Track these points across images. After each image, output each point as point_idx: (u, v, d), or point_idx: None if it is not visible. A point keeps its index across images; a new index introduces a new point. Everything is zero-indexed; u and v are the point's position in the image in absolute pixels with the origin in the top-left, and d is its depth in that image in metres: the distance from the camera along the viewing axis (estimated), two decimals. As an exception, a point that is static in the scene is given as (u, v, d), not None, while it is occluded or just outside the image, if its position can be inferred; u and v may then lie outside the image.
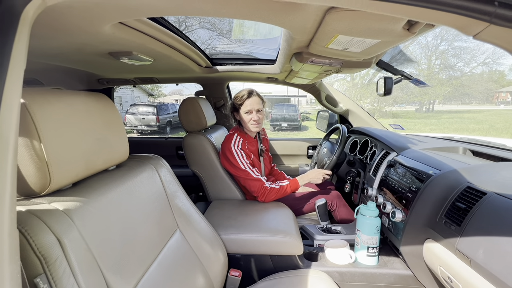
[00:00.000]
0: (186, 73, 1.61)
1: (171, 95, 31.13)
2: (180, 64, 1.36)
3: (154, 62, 1.23)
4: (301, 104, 28.36)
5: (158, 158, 0.90)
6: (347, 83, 19.85)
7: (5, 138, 0.30)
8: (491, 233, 0.66)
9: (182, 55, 1.25)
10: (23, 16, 0.34)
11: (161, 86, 19.27)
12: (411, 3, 0.30)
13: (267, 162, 1.63)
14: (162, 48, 1.05)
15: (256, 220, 1.18)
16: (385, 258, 1.09)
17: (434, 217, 0.86)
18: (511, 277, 0.59)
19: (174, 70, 1.51)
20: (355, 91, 19.38)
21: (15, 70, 0.32)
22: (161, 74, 1.68)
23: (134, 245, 0.64)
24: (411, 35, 0.52)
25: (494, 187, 0.74)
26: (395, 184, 1.11)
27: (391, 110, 21.34)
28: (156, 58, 1.18)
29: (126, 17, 0.59)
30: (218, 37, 2.99)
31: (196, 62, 1.44)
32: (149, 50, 1.04)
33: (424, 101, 24.79)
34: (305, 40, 0.73)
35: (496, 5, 0.27)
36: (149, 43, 0.95)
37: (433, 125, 14.93)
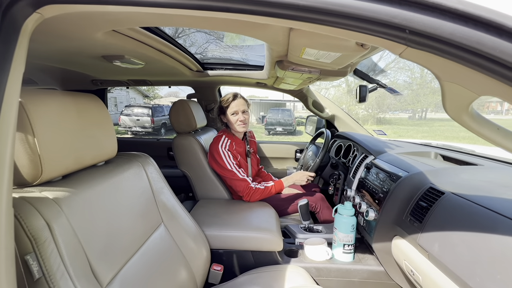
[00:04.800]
0: (178, 77, 1.67)
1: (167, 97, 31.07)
2: (171, 68, 1.42)
3: (146, 66, 1.29)
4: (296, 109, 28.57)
5: (145, 157, 0.96)
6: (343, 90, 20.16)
7: (5, 133, 0.36)
8: (445, 228, 0.73)
9: (173, 60, 1.31)
10: (23, 28, 0.40)
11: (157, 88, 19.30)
12: (346, 28, 0.37)
13: (254, 163, 1.69)
14: (153, 53, 1.11)
15: (239, 218, 1.23)
16: (360, 255, 1.16)
17: (401, 215, 0.93)
18: (459, 267, 0.66)
19: (166, 74, 1.57)
20: (350, 97, 19.68)
21: (15, 75, 0.38)
22: (153, 77, 1.74)
23: (118, 235, 0.69)
24: (365, 50, 0.59)
25: (452, 187, 0.82)
26: (371, 185, 1.18)
27: (385, 116, 21.69)
28: (148, 62, 1.24)
29: (118, 26, 0.65)
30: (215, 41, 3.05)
31: (186, 66, 1.50)
32: (140, 54, 1.10)
33: (417, 109, 25.28)
34: (282, 50, 0.80)
35: (407, 32, 0.34)
36: (140, 48, 1.01)
37: (425, 132, 15.21)
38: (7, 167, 0.36)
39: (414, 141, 1.71)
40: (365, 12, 0.33)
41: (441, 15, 0.31)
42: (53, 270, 0.47)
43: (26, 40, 0.40)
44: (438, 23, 0.32)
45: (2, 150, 0.35)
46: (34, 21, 0.41)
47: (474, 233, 0.65)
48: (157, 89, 20.24)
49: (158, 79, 1.82)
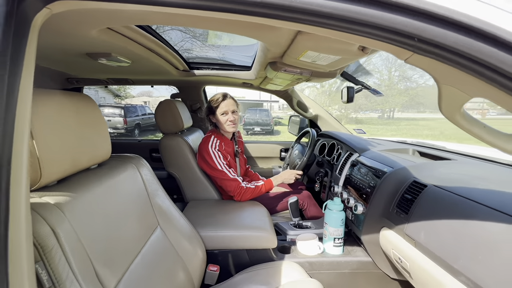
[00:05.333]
0: (163, 76, 1.63)
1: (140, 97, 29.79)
2: (158, 67, 1.39)
3: (132, 64, 1.25)
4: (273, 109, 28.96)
5: (138, 158, 0.93)
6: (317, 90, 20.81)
7: (21, 131, 0.34)
8: (429, 217, 0.81)
9: (161, 58, 1.28)
10: (33, 23, 0.38)
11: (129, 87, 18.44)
12: (358, 34, 0.40)
13: (242, 163, 1.70)
14: (141, 50, 1.08)
15: (233, 217, 1.24)
16: (349, 248, 1.22)
17: (388, 208, 1.00)
18: (444, 252, 0.73)
19: (151, 73, 1.53)
20: (324, 98, 20.38)
21: (27, 71, 0.36)
22: (137, 76, 1.67)
23: (118, 240, 0.67)
24: (365, 54, 0.64)
25: (433, 180, 0.90)
26: (357, 181, 1.25)
27: (356, 116, 22.77)
28: (135, 60, 1.19)
29: (117, 24, 0.63)
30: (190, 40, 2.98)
31: (173, 65, 1.47)
32: (129, 52, 1.07)
33: (385, 109, 26.90)
34: (279, 52, 0.82)
35: (416, 40, 0.38)
36: (129, 46, 0.98)
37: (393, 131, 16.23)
38: (24, 168, 0.34)
39: (391, 139, 1.83)
40: (382, 21, 0.36)
41: (447, 26, 0.35)
42: (62, 279, 0.44)
43: (36, 35, 0.38)
44: (444, 33, 0.36)
45: (19, 150, 0.33)
46: (43, 16, 0.39)
47: (456, 220, 0.73)
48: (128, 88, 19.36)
49: (142, 78, 1.76)
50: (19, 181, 0.33)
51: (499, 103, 0.39)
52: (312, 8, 0.37)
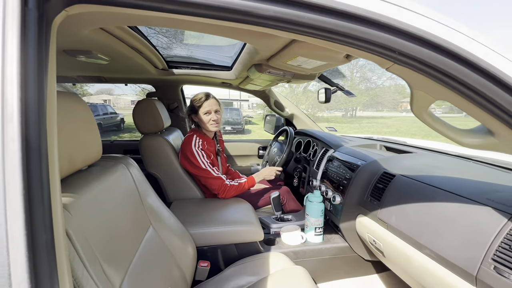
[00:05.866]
0: (141, 74, 1.59)
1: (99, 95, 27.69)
2: (137, 65, 1.36)
3: (110, 62, 1.21)
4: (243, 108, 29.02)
5: (127, 158, 0.92)
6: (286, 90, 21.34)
7: (52, 130, 0.34)
8: (398, 203, 0.93)
9: (141, 57, 1.26)
10: (53, 25, 0.39)
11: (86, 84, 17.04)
12: (349, 45, 0.47)
13: (223, 161, 1.73)
14: (124, 48, 1.06)
15: (220, 214, 1.27)
16: (328, 236, 1.33)
17: (362, 197, 1.12)
18: (411, 231, 0.85)
19: (129, 71, 1.48)
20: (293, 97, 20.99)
21: (52, 70, 0.37)
22: (112, 74, 1.60)
23: (119, 239, 0.67)
24: (348, 61, 0.73)
25: (400, 171, 1.03)
26: (334, 174, 1.36)
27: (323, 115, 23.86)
28: (114, 58, 1.16)
29: (113, 24, 0.63)
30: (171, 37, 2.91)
31: (153, 64, 1.45)
32: (110, 50, 1.04)
33: (348, 108, 28.63)
34: (268, 55, 0.88)
35: (396, 53, 0.46)
36: (112, 43, 0.96)
37: (356, 129, 17.35)
38: (56, 162, 0.35)
39: (359, 135, 2.00)
40: (370, 37, 0.44)
41: (422, 44, 0.44)
42: (79, 277, 0.45)
43: (55, 35, 0.39)
44: (419, 49, 0.45)
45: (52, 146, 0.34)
46: (61, 18, 0.40)
47: (420, 203, 0.86)
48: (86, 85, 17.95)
49: (116, 76, 1.69)
50: (55, 174, 0.34)
51: (456, 104, 0.50)
52: (314, 23, 0.43)
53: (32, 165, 0.29)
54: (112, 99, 31.39)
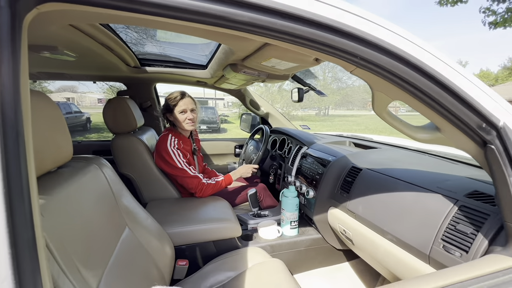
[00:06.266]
0: (111, 72, 1.53)
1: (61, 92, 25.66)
2: (107, 63, 1.31)
3: (78, 59, 1.15)
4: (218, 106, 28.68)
5: (99, 158, 0.89)
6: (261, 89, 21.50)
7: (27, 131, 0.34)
8: (365, 194, 1.02)
9: (112, 54, 1.22)
10: (24, 23, 0.38)
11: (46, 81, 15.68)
12: (318, 50, 0.51)
13: (200, 160, 1.73)
14: (93, 45, 1.02)
15: (197, 212, 1.28)
16: (303, 229, 1.40)
17: (333, 190, 1.20)
18: (376, 219, 0.93)
19: (98, 68, 1.42)
20: (268, 96, 21.22)
21: (24, 67, 0.36)
22: (79, 71, 1.52)
23: (94, 240, 0.66)
24: (318, 64, 0.78)
25: (366, 165, 1.12)
26: (307, 170, 1.43)
27: (297, 114, 24.43)
28: (82, 54, 1.11)
29: (84, 22, 0.62)
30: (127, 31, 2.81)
31: (125, 62, 1.40)
32: (78, 46, 1.00)
33: (321, 107, 29.66)
34: (243, 56, 0.90)
35: (358, 58, 0.52)
36: (81, 40, 0.92)
37: (328, 127, 18.03)
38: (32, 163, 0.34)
39: (331, 133, 2.11)
40: (336, 43, 0.48)
41: (381, 51, 0.50)
42: (55, 278, 0.44)
43: (26, 33, 0.38)
44: (378, 56, 0.50)
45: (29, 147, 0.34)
46: (32, 16, 0.39)
47: (384, 194, 0.95)
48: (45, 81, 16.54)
49: (83, 73, 1.60)
50: (33, 174, 0.34)
51: (409, 104, 0.57)
52: (285, 30, 0.47)
53: (11, 164, 0.29)
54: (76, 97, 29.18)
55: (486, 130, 0.54)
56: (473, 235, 0.66)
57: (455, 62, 0.53)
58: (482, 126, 0.54)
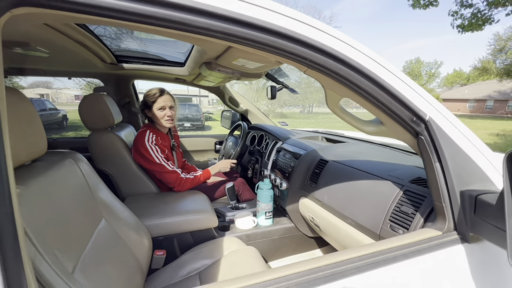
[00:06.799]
0: (87, 68, 1.53)
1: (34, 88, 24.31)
2: (81, 59, 1.31)
3: (51, 55, 1.16)
4: (203, 104, 28.38)
5: (75, 153, 0.92)
6: (245, 86, 21.50)
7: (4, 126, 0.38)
8: (330, 183, 1.11)
9: (87, 50, 1.23)
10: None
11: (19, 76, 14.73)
12: (273, 53, 0.58)
13: (179, 156, 1.76)
14: (66, 41, 1.03)
15: (175, 205, 1.32)
16: (277, 219, 1.48)
17: (304, 181, 1.29)
18: (338, 206, 1.03)
19: (72, 64, 1.42)
20: (252, 94, 21.27)
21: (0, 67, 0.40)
22: (53, 67, 1.50)
23: (69, 230, 0.70)
24: (280, 64, 0.85)
25: (332, 157, 1.22)
26: (281, 164, 1.51)
27: (282, 111, 24.70)
28: (56, 51, 1.12)
29: (57, 22, 0.65)
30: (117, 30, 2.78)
31: (100, 58, 1.41)
32: (51, 43, 1.01)
33: (306, 104, 30.13)
34: (214, 55, 0.96)
35: (308, 61, 0.59)
36: (53, 37, 0.93)
37: (312, 124, 18.40)
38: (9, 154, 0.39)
39: (307, 129, 2.22)
40: (287, 48, 0.56)
41: (326, 55, 0.58)
42: (32, 258, 0.49)
43: (0, 35, 0.42)
44: (325, 59, 0.58)
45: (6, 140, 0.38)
46: (6, 19, 0.43)
47: (345, 182, 1.04)
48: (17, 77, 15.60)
49: (59, 69, 1.58)
50: (11, 166, 0.38)
51: (355, 100, 0.65)
52: (240, 35, 0.53)
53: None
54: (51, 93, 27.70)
55: (416, 123, 0.64)
56: (412, 215, 0.76)
57: (389, 63, 0.62)
58: (413, 119, 0.64)
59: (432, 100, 0.64)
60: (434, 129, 0.62)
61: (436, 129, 0.62)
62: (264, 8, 0.53)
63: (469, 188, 0.62)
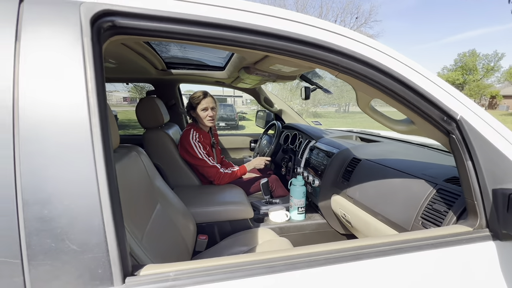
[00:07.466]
0: (142, 75, 1.76)
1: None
2: (140, 67, 1.53)
3: (117, 65, 1.38)
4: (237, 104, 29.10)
5: (137, 147, 1.10)
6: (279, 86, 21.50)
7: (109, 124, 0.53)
8: (362, 181, 1.14)
9: (144, 59, 1.43)
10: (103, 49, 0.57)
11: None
12: (307, 60, 0.66)
13: (218, 153, 1.92)
14: (130, 54, 1.23)
15: (216, 196, 1.47)
16: (309, 214, 1.54)
17: (336, 179, 1.33)
18: (370, 203, 1.06)
19: (132, 72, 1.65)
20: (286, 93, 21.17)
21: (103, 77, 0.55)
22: (115, 75, 1.77)
23: (135, 208, 0.86)
24: (313, 68, 0.92)
25: (365, 156, 1.24)
26: (314, 162, 1.57)
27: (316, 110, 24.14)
28: (121, 62, 1.33)
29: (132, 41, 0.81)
30: None
31: (154, 66, 1.61)
32: (118, 55, 1.21)
33: (341, 103, 29.02)
34: (253, 61, 1.07)
35: (339, 66, 0.66)
36: (122, 50, 1.13)
37: (348, 124, 17.69)
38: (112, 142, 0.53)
39: (341, 128, 2.22)
40: (323, 57, 0.63)
41: (356, 61, 0.64)
42: None
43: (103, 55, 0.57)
44: (353, 64, 0.64)
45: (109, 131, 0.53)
46: (106, 44, 0.58)
47: (377, 180, 1.07)
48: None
49: (119, 76, 1.85)
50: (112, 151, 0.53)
51: (386, 101, 0.70)
52: (279, 47, 0.62)
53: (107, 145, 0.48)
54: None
55: (447, 122, 0.66)
56: (445, 213, 0.78)
57: (419, 65, 0.66)
58: (444, 118, 0.66)
59: (464, 99, 0.66)
60: (466, 128, 0.64)
61: (468, 127, 0.64)
62: (299, 22, 0.61)
63: (502, 187, 0.63)
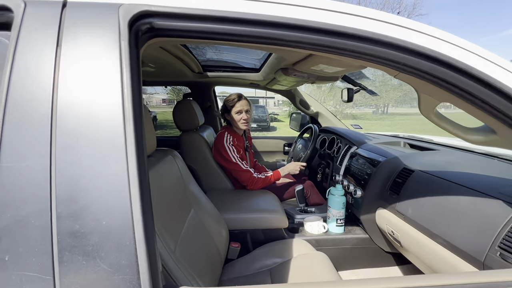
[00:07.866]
0: (179, 78, 1.79)
1: (134, 94, 29.27)
2: (177, 70, 1.55)
3: (156, 69, 1.40)
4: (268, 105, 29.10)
5: (173, 151, 1.10)
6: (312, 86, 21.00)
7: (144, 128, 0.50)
8: (415, 196, 1.00)
9: (182, 63, 1.44)
10: (140, 52, 0.55)
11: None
12: (361, 59, 0.57)
13: (251, 157, 1.88)
14: (168, 57, 1.24)
15: (249, 202, 1.42)
16: (349, 227, 1.42)
17: (382, 191, 1.19)
18: (426, 222, 0.92)
19: (170, 75, 1.68)
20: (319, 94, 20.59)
21: (140, 81, 0.53)
22: (154, 78, 1.83)
23: (170, 214, 0.84)
24: (363, 68, 0.81)
25: (419, 166, 1.09)
26: (356, 170, 1.44)
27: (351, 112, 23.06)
28: (160, 65, 1.35)
29: (170, 44, 0.80)
30: None
31: (191, 69, 1.63)
32: (157, 59, 1.22)
33: (379, 104, 27.31)
34: (293, 61, 0.99)
35: (401, 65, 0.55)
36: (160, 54, 1.14)
37: (387, 126, 16.55)
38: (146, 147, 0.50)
39: (385, 133, 2.02)
40: (379, 53, 0.54)
41: (422, 57, 0.53)
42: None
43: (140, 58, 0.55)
44: (419, 61, 0.54)
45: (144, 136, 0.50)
46: (143, 48, 0.56)
47: (435, 196, 0.92)
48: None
49: (158, 80, 1.91)
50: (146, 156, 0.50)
51: (458, 106, 0.58)
52: (329, 44, 0.54)
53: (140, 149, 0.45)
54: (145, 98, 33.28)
55: (546, 133, 0.52)
56: (535, 244, 0.62)
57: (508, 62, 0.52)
58: (542, 128, 0.52)
59: None
60: None
61: None
62: (351, 14, 0.53)
63: None
